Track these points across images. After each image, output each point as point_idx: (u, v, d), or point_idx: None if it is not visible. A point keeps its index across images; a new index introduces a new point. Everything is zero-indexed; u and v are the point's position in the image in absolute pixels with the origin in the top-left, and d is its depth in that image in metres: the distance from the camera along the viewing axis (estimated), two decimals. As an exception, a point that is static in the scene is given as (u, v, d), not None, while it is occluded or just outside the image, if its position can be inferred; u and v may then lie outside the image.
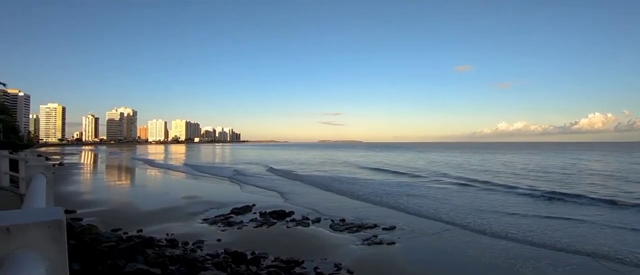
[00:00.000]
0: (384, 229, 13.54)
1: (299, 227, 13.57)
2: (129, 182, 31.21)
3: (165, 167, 47.67)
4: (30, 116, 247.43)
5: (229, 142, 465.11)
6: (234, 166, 46.44)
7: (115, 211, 16.04)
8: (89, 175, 36.65)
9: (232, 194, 22.43)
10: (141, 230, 12.24)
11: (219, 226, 13.45)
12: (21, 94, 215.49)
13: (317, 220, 14.56)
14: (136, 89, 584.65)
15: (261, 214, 15.47)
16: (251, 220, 14.33)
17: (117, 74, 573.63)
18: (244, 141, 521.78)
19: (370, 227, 13.68)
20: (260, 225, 13.58)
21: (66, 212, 15.19)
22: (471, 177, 30.27)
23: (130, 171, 41.56)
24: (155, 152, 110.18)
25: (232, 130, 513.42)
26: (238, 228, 13.11)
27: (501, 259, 10.34)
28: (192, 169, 42.59)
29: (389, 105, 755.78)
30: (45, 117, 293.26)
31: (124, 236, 10.84)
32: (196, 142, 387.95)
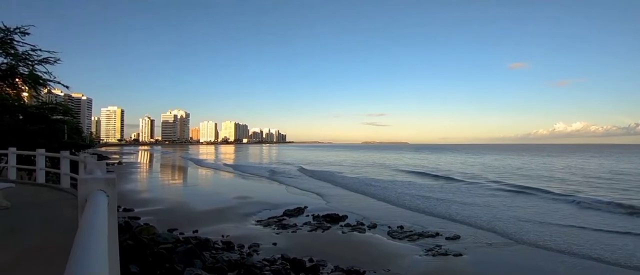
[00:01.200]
0: (447, 238, 12.55)
1: (355, 232, 12.91)
2: (182, 181, 32.08)
3: (216, 167, 48.77)
4: (92, 118, 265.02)
5: (275, 142, 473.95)
6: (282, 167, 46.59)
7: (170, 210, 16.21)
8: (145, 174, 38.16)
9: (281, 194, 22.20)
10: (197, 231, 12.13)
11: (273, 228, 13.11)
12: (84, 97, 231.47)
13: (373, 226, 13.81)
14: (189, 92, 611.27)
15: (314, 217, 14.98)
16: (305, 224, 13.87)
17: (171, 77, 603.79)
18: (289, 142, 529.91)
19: (432, 236, 12.73)
20: (315, 229, 13.06)
21: (124, 210, 15.53)
22: (532, 185, 27.32)
23: (183, 171, 42.87)
24: (207, 153, 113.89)
25: (278, 131, 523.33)
26: (293, 231, 12.68)
27: (577, 270, 9.51)
28: (242, 169, 43.16)
29: (436, 105, 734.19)
30: (106, 119, 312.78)
31: (181, 237, 10.70)
32: (244, 143, 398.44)
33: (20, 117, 15.48)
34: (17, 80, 16.62)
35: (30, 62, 16.14)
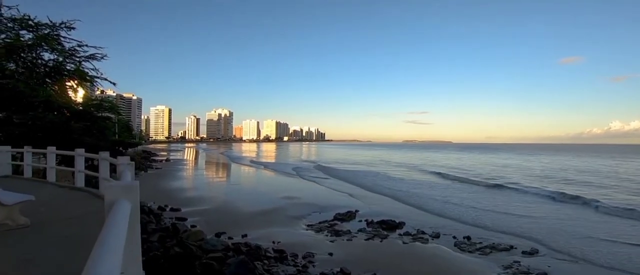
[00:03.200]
0: (523, 252, 11.04)
1: (417, 243, 11.60)
2: (228, 179, 31.80)
3: (259, 165, 48.58)
4: (142, 117, 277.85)
5: (314, 141, 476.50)
6: (325, 166, 45.62)
7: (217, 211, 15.61)
8: (191, 171, 38.45)
9: (327, 196, 21.14)
10: (246, 236, 11.32)
11: (326, 235, 12.07)
12: (135, 97, 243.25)
13: (436, 236, 12.43)
14: (232, 92, 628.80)
15: (368, 223, 13.80)
16: (360, 230, 12.72)
17: (216, 78, 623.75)
18: (328, 140, 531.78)
19: (506, 250, 11.23)
20: (371, 238, 11.87)
21: (172, 210, 15.07)
22: (603, 196, 22.08)
23: (228, 168, 42.90)
24: (249, 150, 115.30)
25: (317, 129, 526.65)
26: (348, 239, 11.56)
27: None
28: (286, 167, 42.67)
29: (481, 102, 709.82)
30: (155, 118, 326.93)
31: (230, 243, 9.90)
32: (285, 141, 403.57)
33: (68, 114, 15.14)
34: (74, 81, 16.54)
35: (77, 58, 16.00)
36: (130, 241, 2.04)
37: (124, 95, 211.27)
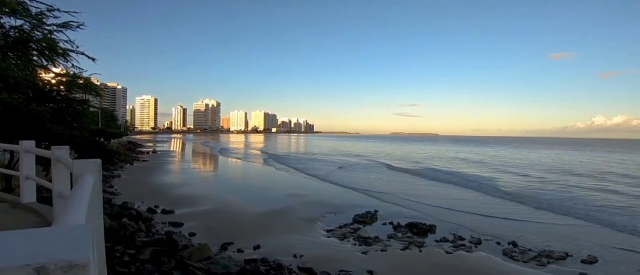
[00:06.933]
0: (582, 261, 9.44)
1: (460, 251, 9.80)
2: (223, 174, 29.26)
3: (253, 158, 46.53)
4: (127, 107, 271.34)
5: (303, 132, 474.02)
6: (324, 159, 43.77)
7: (216, 213, 13.40)
8: (181, 164, 35.99)
9: (338, 193, 19.32)
10: (258, 247, 9.30)
11: (354, 243, 10.17)
12: (119, 87, 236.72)
13: (477, 242, 10.66)
14: (220, 82, 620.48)
15: (395, 227, 11.98)
16: (390, 237, 10.85)
17: (204, 67, 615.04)
18: (317, 132, 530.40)
19: (562, 258, 9.61)
20: (408, 246, 10.00)
21: (163, 212, 13.04)
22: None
23: (222, 162, 40.45)
24: (238, 141, 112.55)
25: (306, 121, 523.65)
26: (381, 249, 9.65)
27: None
28: (280, 160, 40.65)
29: (470, 96, 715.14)
30: (140, 108, 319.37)
31: (242, 259, 7.93)
32: (273, 132, 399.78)
33: (31, 94, 11.88)
34: (44, 57, 13.52)
35: (46, 27, 12.95)
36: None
37: (109, 84, 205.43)
